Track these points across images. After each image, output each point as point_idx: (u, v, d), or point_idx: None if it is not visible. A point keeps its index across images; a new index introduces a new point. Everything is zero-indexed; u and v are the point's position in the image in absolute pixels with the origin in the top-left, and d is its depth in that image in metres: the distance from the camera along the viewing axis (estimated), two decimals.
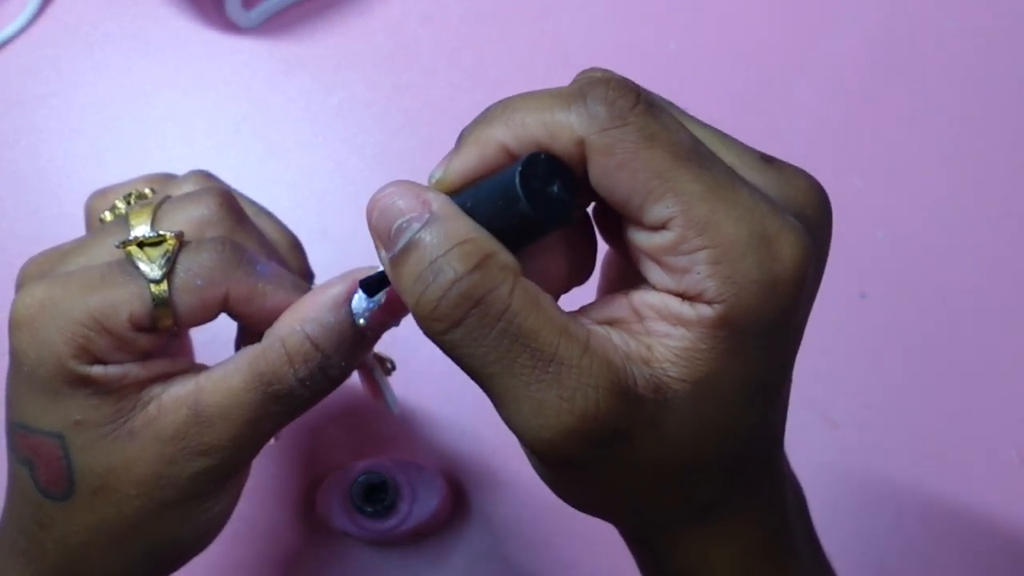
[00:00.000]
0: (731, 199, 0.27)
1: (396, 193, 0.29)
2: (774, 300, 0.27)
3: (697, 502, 0.32)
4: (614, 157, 0.27)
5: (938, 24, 0.67)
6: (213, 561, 0.56)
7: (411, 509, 0.52)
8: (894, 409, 0.59)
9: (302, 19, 0.67)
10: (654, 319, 0.28)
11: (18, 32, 0.66)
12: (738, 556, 0.33)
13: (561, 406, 0.27)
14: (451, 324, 0.27)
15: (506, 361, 0.27)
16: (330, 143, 0.64)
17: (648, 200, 0.27)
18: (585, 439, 0.27)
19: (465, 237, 0.27)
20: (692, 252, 0.27)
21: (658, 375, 0.28)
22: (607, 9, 0.68)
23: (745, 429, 0.30)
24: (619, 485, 0.30)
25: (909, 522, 0.57)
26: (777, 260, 0.27)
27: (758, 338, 0.28)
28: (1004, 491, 0.58)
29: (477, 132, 0.29)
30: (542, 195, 0.28)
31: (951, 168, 0.64)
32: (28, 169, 0.64)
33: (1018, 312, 0.61)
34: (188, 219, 0.34)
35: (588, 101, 0.27)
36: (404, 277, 0.28)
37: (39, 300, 0.32)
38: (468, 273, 0.27)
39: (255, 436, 0.34)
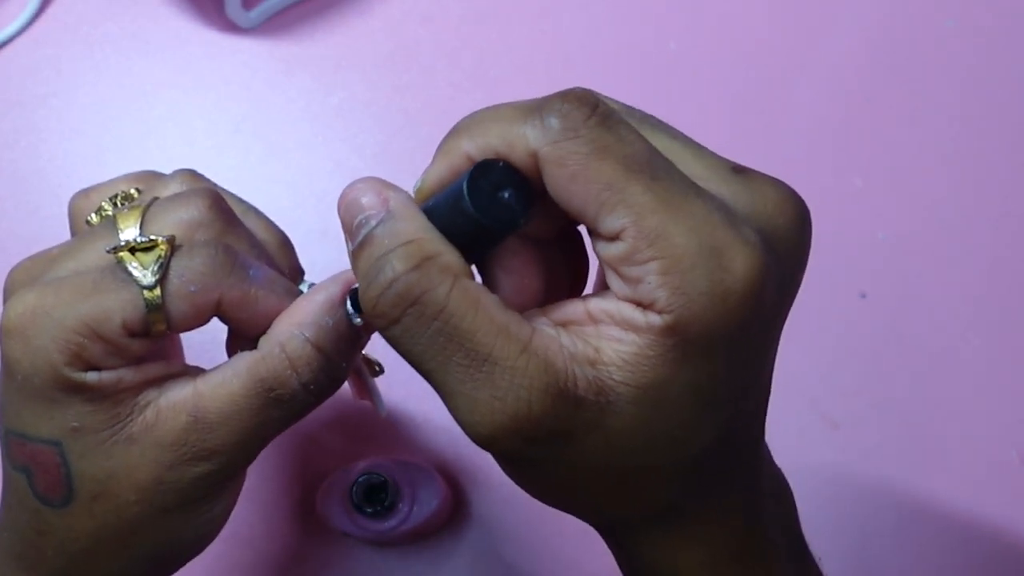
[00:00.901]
0: (684, 210, 0.27)
1: (362, 189, 0.30)
2: (724, 312, 0.27)
3: (654, 506, 0.32)
4: (566, 169, 0.28)
5: (938, 24, 0.67)
6: (213, 561, 0.56)
7: (411, 509, 0.52)
8: (894, 409, 0.59)
9: (302, 19, 0.67)
10: (607, 323, 0.29)
11: (18, 32, 0.66)
12: (706, 560, 0.33)
13: (493, 405, 0.28)
14: (390, 321, 0.28)
15: (441, 359, 0.28)
16: (330, 143, 0.64)
17: (601, 212, 0.28)
18: (519, 437, 0.28)
19: (412, 237, 0.29)
20: (643, 263, 0.27)
21: (602, 377, 0.28)
22: (607, 9, 0.68)
23: (699, 439, 0.30)
24: (569, 482, 0.31)
25: (909, 522, 0.57)
26: (728, 272, 0.27)
27: (709, 350, 0.28)
28: (1004, 491, 0.58)
29: (448, 143, 0.31)
30: (491, 200, 0.29)
31: (951, 168, 0.64)
32: (28, 169, 0.64)
33: (1018, 312, 0.61)
34: (178, 222, 0.34)
35: (543, 114, 0.28)
36: (359, 271, 0.29)
37: (31, 308, 0.32)
38: (406, 272, 0.28)
39: (257, 440, 0.34)
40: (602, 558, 0.57)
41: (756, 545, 0.34)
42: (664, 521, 0.33)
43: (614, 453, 0.29)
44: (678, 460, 0.31)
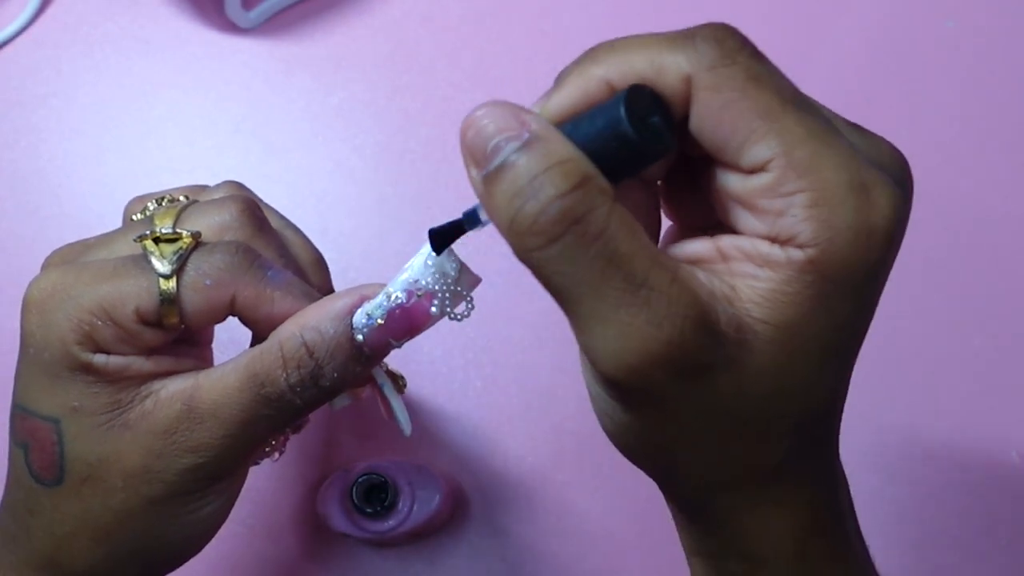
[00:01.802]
0: (832, 145, 0.27)
1: (494, 111, 0.29)
2: (867, 250, 0.27)
3: (765, 461, 0.31)
4: (720, 95, 0.27)
5: (938, 24, 0.67)
6: (213, 561, 0.56)
7: (411, 509, 0.52)
8: (894, 409, 0.59)
9: (302, 19, 0.67)
10: (740, 260, 0.28)
11: (18, 32, 0.66)
12: (795, 530, 0.32)
13: (648, 331, 0.27)
14: (549, 240, 0.27)
15: (598, 283, 0.27)
16: (330, 143, 0.64)
17: (750, 140, 0.27)
18: (669, 367, 0.27)
19: (566, 157, 0.27)
20: (790, 194, 0.27)
21: (741, 315, 0.28)
22: (607, 9, 0.68)
23: (822, 385, 0.30)
24: (691, 429, 0.30)
25: (909, 521, 0.57)
26: (874, 209, 0.27)
27: (845, 289, 0.28)
28: (1004, 491, 0.58)
29: (578, 70, 0.29)
30: (643, 124, 0.28)
31: (951, 168, 0.64)
32: (28, 169, 0.64)
33: (1019, 312, 0.61)
34: (209, 223, 0.35)
35: (697, 41, 0.28)
36: (498, 194, 0.27)
37: (52, 284, 0.33)
38: (570, 191, 0.27)
39: (245, 439, 0.34)
40: (602, 558, 0.57)
41: (838, 519, 0.34)
42: (764, 485, 0.32)
43: (744, 395, 0.29)
44: (799, 408, 0.30)
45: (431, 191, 0.63)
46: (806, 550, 0.33)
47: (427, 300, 0.33)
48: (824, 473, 0.33)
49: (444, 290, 0.33)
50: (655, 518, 0.56)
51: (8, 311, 0.60)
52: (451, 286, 0.33)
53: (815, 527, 0.33)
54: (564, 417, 0.58)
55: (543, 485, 0.57)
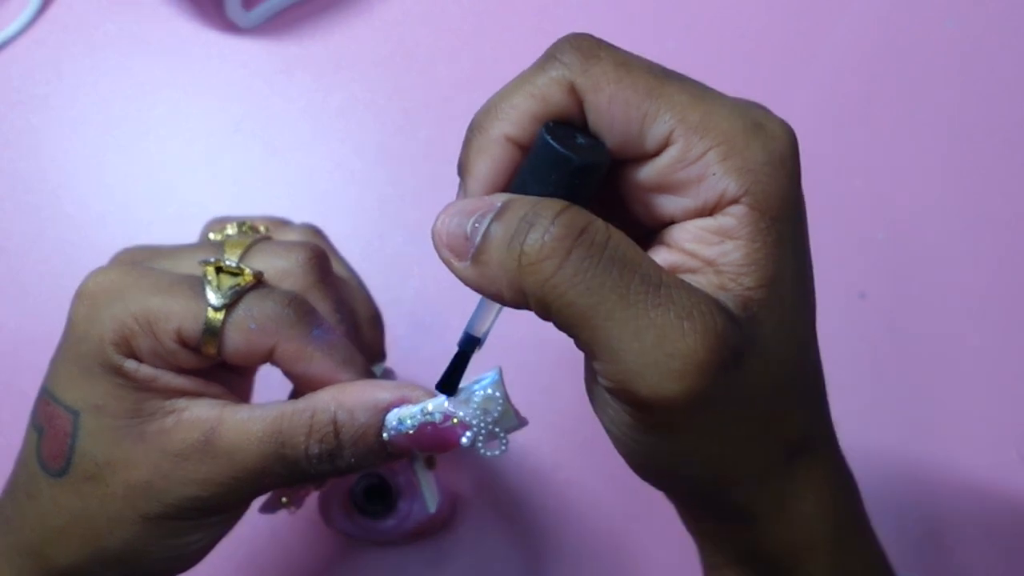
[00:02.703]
0: (716, 99, 0.29)
1: (453, 209, 0.29)
2: (785, 176, 0.28)
3: (791, 435, 0.31)
4: (603, 92, 0.28)
5: (938, 24, 0.67)
6: (213, 561, 0.56)
7: (411, 509, 0.52)
8: (894, 409, 0.59)
9: (302, 19, 0.67)
10: (703, 249, 0.29)
11: (18, 32, 0.66)
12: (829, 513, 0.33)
13: (683, 326, 0.26)
14: (562, 257, 0.27)
15: (621, 289, 0.27)
16: (330, 143, 0.64)
17: (645, 122, 0.28)
18: (714, 362, 0.27)
19: (541, 199, 0.28)
20: (701, 155, 0.28)
21: (739, 293, 0.28)
22: (607, 9, 0.68)
23: (809, 331, 0.31)
24: (729, 428, 0.30)
25: (909, 521, 0.57)
26: (774, 139, 0.28)
27: (788, 220, 0.29)
28: (1004, 491, 0.58)
29: (474, 145, 0.30)
30: (578, 148, 0.28)
31: (951, 168, 0.64)
32: (28, 169, 0.64)
33: (1018, 312, 0.61)
34: (273, 264, 0.36)
35: (558, 55, 0.29)
36: (494, 252, 0.28)
37: (109, 281, 0.33)
38: (563, 210, 0.27)
39: (252, 486, 0.34)
40: (602, 558, 0.57)
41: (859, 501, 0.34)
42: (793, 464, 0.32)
43: (767, 375, 0.29)
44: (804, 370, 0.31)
45: (431, 191, 0.63)
46: (839, 526, 0.33)
47: (461, 429, 0.33)
48: (834, 441, 0.34)
49: (481, 426, 0.33)
50: (656, 518, 0.56)
51: (8, 311, 0.60)
52: (489, 425, 0.33)
53: (842, 501, 0.33)
54: (564, 417, 0.58)
55: (543, 485, 0.57)
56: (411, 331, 0.59)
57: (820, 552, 0.33)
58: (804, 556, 0.33)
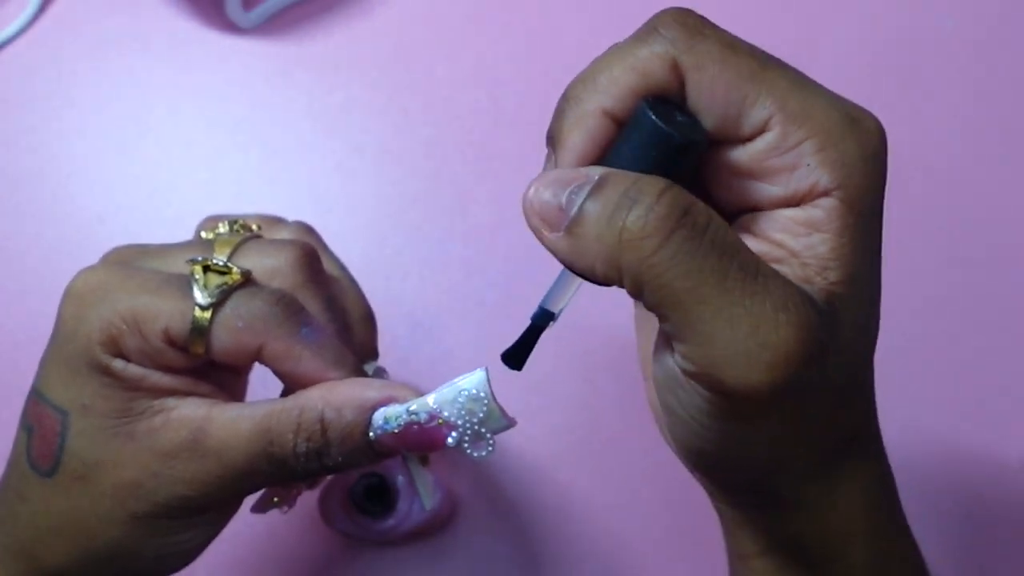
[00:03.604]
0: (814, 89, 0.28)
1: (547, 178, 0.28)
2: (876, 173, 0.28)
3: (846, 433, 0.31)
4: (705, 71, 0.28)
5: (938, 24, 0.67)
6: (213, 561, 0.56)
7: (411, 509, 0.52)
8: (893, 409, 0.59)
9: (302, 19, 0.67)
10: (789, 239, 0.28)
11: (18, 32, 0.66)
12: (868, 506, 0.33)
13: (779, 319, 0.26)
14: (664, 237, 0.26)
15: (719, 274, 0.26)
16: (330, 143, 0.64)
17: (745, 105, 0.28)
18: (804, 355, 0.27)
19: (642, 176, 0.27)
20: (797, 145, 0.28)
21: (824, 287, 0.28)
22: (607, 9, 0.68)
23: (876, 330, 0.31)
24: (803, 422, 0.30)
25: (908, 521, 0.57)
26: (869, 135, 0.28)
27: (872, 215, 0.29)
28: (1004, 491, 0.58)
29: (569, 115, 0.29)
30: (678, 126, 0.28)
31: (951, 168, 0.64)
32: (28, 169, 0.64)
33: (1018, 312, 0.61)
34: (262, 263, 0.35)
35: (661, 29, 0.28)
36: (592, 226, 0.27)
37: (97, 280, 0.33)
38: (667, 188, 0.27)
39: (239, 485, 0.34)
40: (601, 559, 0.57)
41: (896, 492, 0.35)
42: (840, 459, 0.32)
43: (843, 368, 0.29)
44: (869, 361, 0.30)
45: (431, 191, 0.63)
46: (882, 525, 0.33)
47: (447, 429, 0.32)
48: (880, 443, 0.34)
49: (466, 427, 0.32)
50: (656, 517, 0.56)
51: (8, 311, 0.60)
52: (475, 426, 0.32)
53: (885, 498, 0.34)
54: (564, 417, 0.58)
55: (543, 485, 0.57)
56: (410, 331, 0.59)
57: (856, 545, 0.33)
58: (840, 548, 0.33)
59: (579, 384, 0.59)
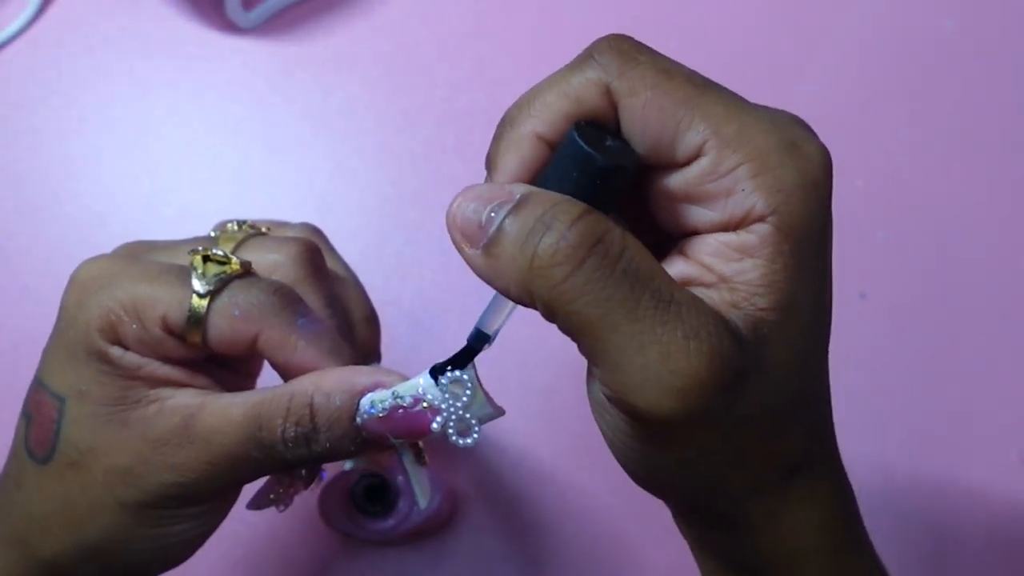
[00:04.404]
0: (752, 114, 0.28)
1: (470, 193, 0.28)
2: (816, 201, 0.28)
3: (793, 455, 0.31)
4: (638, 97, 0.28)
5: (938, 24, 0.67)
6: (213, 561, 0.56)
7: (411, 509, 0.52)
8: (894, 409, 0.59)
9: (302, 19, 0.67)
10: (720, 264, 0.28)
11: (18, 32, 0.66)
12: (826, 522, 0.33)
13: (690, 347, 0.26)
14: (574, 265, 0.26)
15: (631, 303, 0.26)
16: (330, 143, 0.64)
17: (679, 130, 0.28)
18: (714, 382, 0.26)
19: (564, 198, 0.27)
20: (732, 170, 0.27)
21: (751, 313, 0.28)
22: (607, 9, 0.68)
23: (820, 355, 0.30)
24: (727, 445, 0.30)
25: (909, 522, 0.57)
26: (810, 161, 0.28)
27: (811, 244, 0.28)
28: (1004, 491, 0.58)
29: (505, 139, 0.29)
30: (606, 150, 0.28)
31: (951, 168, 0.64)
32: (28, 169, 0.64)
33: (1018, 312, 0.61)
34: (264, 258, 0.36)
35: (596, 56, 0.28)
36: (508, 246, 0.27)
37: (100, 268, 0.34)
38: (581, 216, 0.27)
39: (228, 472, 0.33)
40: (602, 558, 0.57)
41: (854, 507, 0.34)
42: (791, 480, 0.32)
43: (772, 395, 0.29)
44: (809, 391, 0.30)
45: (431, 191, 0.63)
46: (836, 541, 0.33)
47: (431, 414, 0.32)
48: (835, 459, 0.33)
49: (451, 411, 0.32)
50: (655, 518, 0.56)
51: (8, 310, 0.60)
52: (459, 410, 0.32)
53: (839, 517, 0.33)
54: (564, 417, 0.58)
55: (543, 485, 0.57)
56: (410, 331, 0.59)
57: (810, 564, 0.33)
58: (792, 567, 0.33)
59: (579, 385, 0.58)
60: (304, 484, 0.38)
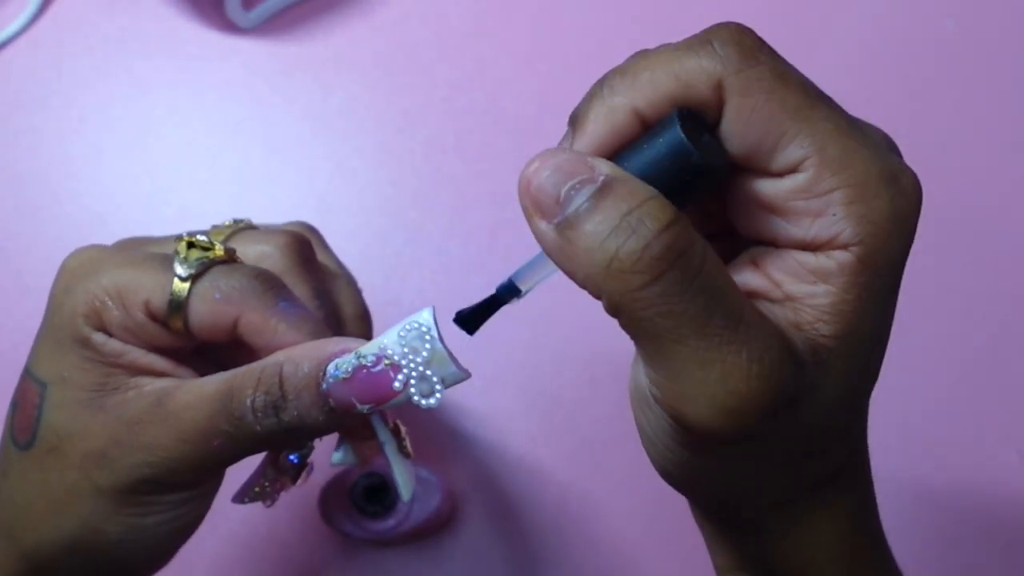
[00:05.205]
0: (859, 138, 0.27)
1: (553, 160, 0.27)
2: (903, 237, 0.27)
3: (827, 471, 0.31)
4: (752, 98, 0.27)
5: (938, 24, 0.67)
6: (213, 561, 0.56)
7: (411, 509, 0.52)
8: (893, 409, 0.59)
9: (302, 19, 0.67)
10: (791, 282, 0.28)
11: (18, 32, 0.66)
12: (847, 532, 0.32)
13: (752, 370, 0.26)
14: (654, 276, 0.25)
15: (702, 319, 0.25)
16: (330, 143, 0.64)
17: (782, 140, 0.27)
18: (769, 405, 0.26)
19: (653, 194, 0.26)
20: (827, 192, 0.27)
21: (813, 338, 0.27)
22: (607, 9, 0.68)
23: (869, 385, 0.30)
24: (765, 460, 0.29)
25: (909, 522, 0.57)
26: (904, 196, 0.27)
27: (890, 279, 0.27)
28: (1004, 491, 0.58)
29: (600, 104, 0.28)
30: (702, 146, 0.27)
31: (951, 168, 0.64)
32: (28, 169, 0.64)
33: (1018, 312, 0.61)
34: (252, 249, 0.36)
35: (716, 45, 0.27)
36: (586, 237, 0.26)
37: (88, 257, 0.34)
38: (670, 224, 0.25)
39: (200, 450, 0.33)
40: (602, 559, 0.57)
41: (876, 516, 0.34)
42: (820, 492, 0.31)
43: (819, 416, 0.28)
44: (858, 412, 0.30)
45: (431, 191, 0.63)
46: (855, 552, 0.33)
47: (393, 371, 0.31)
48: (864, 473, 0.33)
49: (411, 368, 0.31)
50: (656, 518, 0.56)
51: (8, 310, 0.60)
52: (419, 367, 0.31)
53: (861, 527, 0.33)
54: (564, 417, 0.58)
55: (543, 485, 0.57)
56: None
57: (828, 573, 0.33)
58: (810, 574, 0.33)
59: (579, 386, 0.59)
60: (291, 479, 0.38)
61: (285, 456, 0.37)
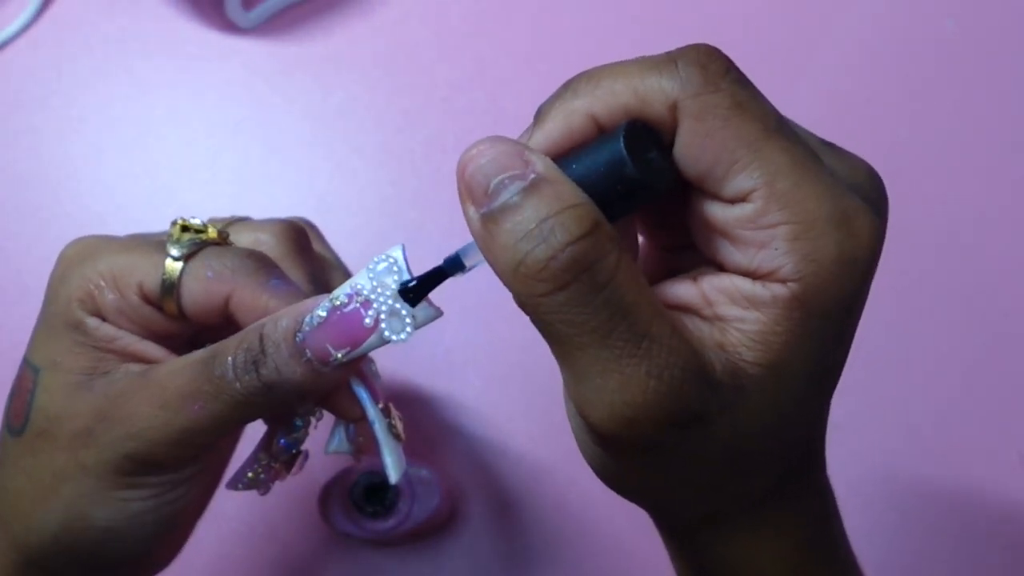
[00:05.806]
0: (814, 175, 0.27)
1: (494, 148, 0.27)
2: (849, 280, 0.27)
3: (755, 492, 0.31)
4: (705, 124, 0.27)
5: (938, 24, 0.67)
6: (213, 561, 0.56)
7: (411, 509, 0.52)
8: (894, 409, 0.59)
9: (302, 19, 0.67)
10: (725, 304, 0.28)
11: (18, 32, 0.66)
12: (789, 551, 0.32)
13: (649, 383, 0.26)
14: (557, 287, 0.26)
15: (603, 332, 0.26)
16: (330, 143, 0.64)
17: (733, 170, 0.27)
18: (667, 420, 0.26)
19: (576, 201, 0.26)
20: (772, 226, 0.26)
21: (734, 360, 0.27)
22: (606, 9, 0.68)
23: (809, 414, 0.30)
24: (682, 473, 0.30)
25: (909, 522, 0.57)
26: (855, 239, 0.27)
27: (829, 319, 0.27)
28: (1004, 491, 0.58)
29: (561, 104, 0.28)
30: (643, 161, 0.27)
31: (951, 168, 0.64)
32: (28, 169, 0.64)
33: (1019, 311, 0.61)
34: (248, 237, 0.36)
35: (680, 65, 0.27)
36: (502, 235, 0.26)
37: (85, 245, 0.34)
38: (582, 237, 0.26)
39: (181, 417, 0.32)
40: (602, 559, 0.57)
41: (828, 531, 0.34)
42: (754, 513, 0.32)
43: (738, 437, 0.28)
44: (788, 439, 0.30)
45: (431, 191, 0.63)
46: (801, 569, 0.33)
47: (364, 308, 0.31)
48: (811, 490, 0.33)
49: (381, 303, 0.31)
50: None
51: (8, 311, 0.60)
52: (388, 301, 0.31)
53: (807, 544, 0.33)
54: (564, 417, 0.58)
55: (543, 485, 0.57)
56: None
57: None
58: None
59: None
60: (285, 467, 0.37)
61: (277, 440, 0.36)
